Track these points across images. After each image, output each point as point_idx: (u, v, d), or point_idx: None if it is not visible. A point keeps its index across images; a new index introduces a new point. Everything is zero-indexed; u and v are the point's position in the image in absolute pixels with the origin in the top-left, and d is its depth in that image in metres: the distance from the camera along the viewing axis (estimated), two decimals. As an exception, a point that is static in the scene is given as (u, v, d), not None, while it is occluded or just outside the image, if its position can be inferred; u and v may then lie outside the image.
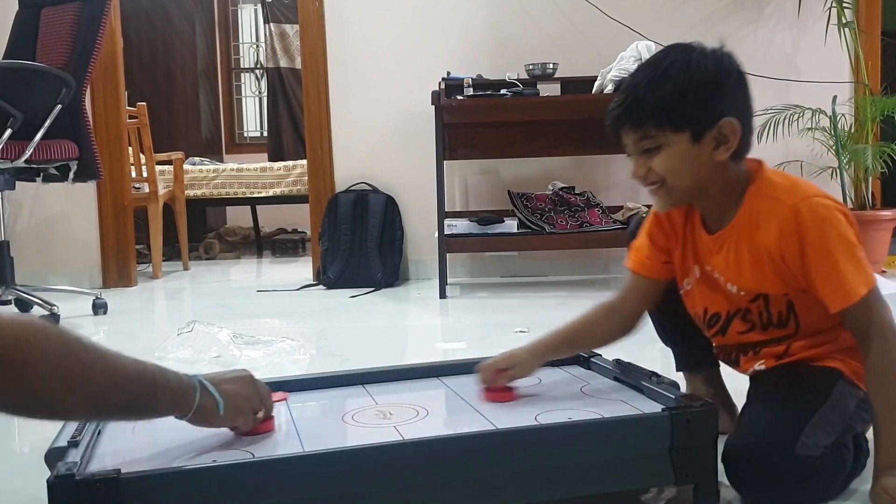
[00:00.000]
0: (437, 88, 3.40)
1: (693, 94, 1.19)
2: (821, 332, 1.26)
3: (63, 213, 3.97)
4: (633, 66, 3.27)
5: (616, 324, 1.42)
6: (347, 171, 3.88)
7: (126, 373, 1.00)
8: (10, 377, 0.87)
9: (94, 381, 0.95)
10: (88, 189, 3.89)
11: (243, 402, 1.15)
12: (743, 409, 1.31)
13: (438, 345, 2.68)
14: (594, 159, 3.79)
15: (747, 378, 1.40)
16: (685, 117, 1.19)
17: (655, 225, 1.39)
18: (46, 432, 1.15)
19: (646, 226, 1.42)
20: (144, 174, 4.33)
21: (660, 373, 1.33)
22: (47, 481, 0.97)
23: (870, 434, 1.30)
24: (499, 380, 1.33)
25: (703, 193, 1.27)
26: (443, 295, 3.32)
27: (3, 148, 2.75)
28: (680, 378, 1.53)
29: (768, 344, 1.31)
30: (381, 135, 3.86)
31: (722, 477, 1.20)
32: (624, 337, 1.42)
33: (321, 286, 3.74)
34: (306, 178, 4.10)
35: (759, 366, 1.32)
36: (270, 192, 5.30)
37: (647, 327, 1.55)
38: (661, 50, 1.25)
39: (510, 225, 3.46)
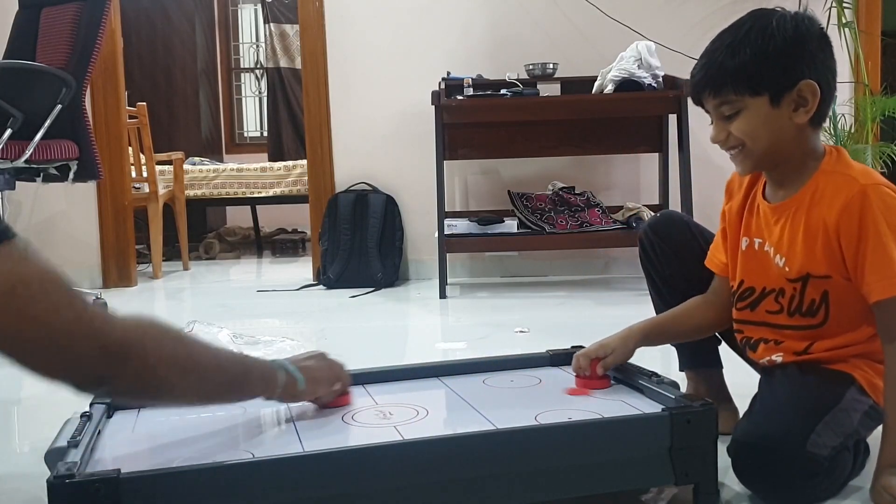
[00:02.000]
0: (437, 88, 3.40)
1: (771, 58, 1.20)
2: (844, 332, 1.26)
3: (63, 213, 3.97)
4: (633, 66, 3.28)
5: (712, 314, 1.44)
6: (347, 171, 3.88)
7: (226, 360, 1.12)
8: (135, 368, 0.96)
9: (202, 366, 1.06)
10: (88, 189, 3.88)
11: (321, 374, 1.27)
12: (753, 402, 1.31)
13: (438, 345, 2.68)
14: (594, 159, 3.79)
15: (749, 379, 1.40)
16: (763, 81, 1.21)
17: (722, 214, 1.42)
18: (46, 432, 1.15)
19: (720, 220, 1.43)
20: (144, 174, 4.33)
21: (660, 373, 1.33)
22: (47, 481, 0.97)
23: (871, 436, 1.30)
24: (597, 368, 1.36)
25: (781, 158, 1.27)
26: (443, 295, 3.32)
27: (3, 148, 2.75)
28: (681, 378, 1.53)
29: (791, 332, 1.30)
30: (381, 135, 3.85)
31: (722, 477, 1.20)
32: (721, 327, 1.45)
33: (321, 286, 3.74)
34: (306, 178, 4.10)
35: (777, 357, 1.32)
36: (270, 192, 5.30)
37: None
38: (743, 16, 1.26)
39: (510, 225, 3.46)
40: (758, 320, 1.35)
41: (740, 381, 1.52)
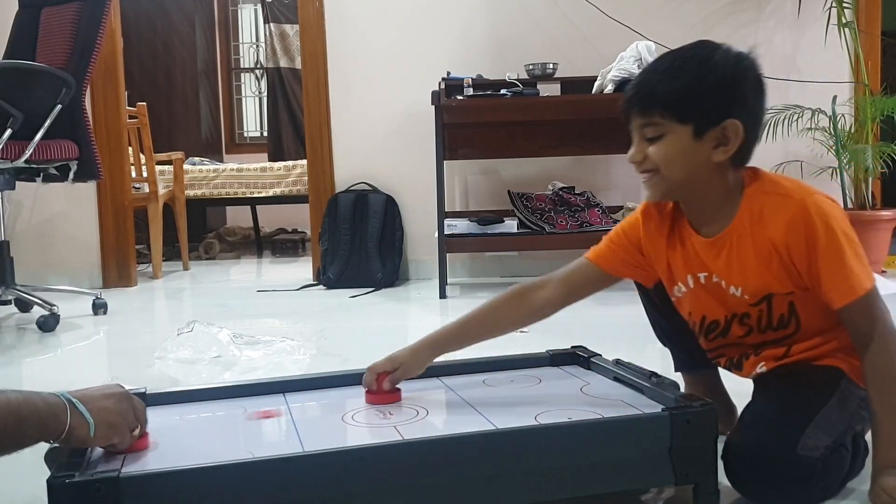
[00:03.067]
0: (437, 88, 3.40)
1: (705, 90, 1.19)
2: (820, 332, 1.26)
3: (63, 213, 3.97)
4: (633, 66, 3.28)
5: (525, 310, 1.44)
6: (347, 171, 3.88)
7: None
8: None
9: None
10: (88, 189, 3.88)
11: (117, 419, 1.09)
12: (745, 408, 1.31)
13: (438, 345, 2.67)
14: (594, 159, 3.79)
15: (747, 379, 1.40)
16: (692, 110, 1.20)
17: (629, 232, 1.40)
18: (46, 432, 1.15)
19: (620, 227, 1.42)
20: (144, 174, 4.33)
21: (660, 373, 1.33)
22: (47, 481, 0.97)
23: (869, 434, 1.30)
24: (384, 383, 1.34)
25: (694, 193, 1.27)
26: (443, 295, 3.32)
27: (3, 148, 2.75)
28: (680, 378, 1.53)
29: (767, 346, 1.31)
30: (381, 135, 3.85)
31: (722, 477, 1.20)
32: (531, 323, 1.43)
33: (321, 286, 3.74)
34: (306, 178, 4.10)
35: (761, 368, 1.32)
36: (270, 192, 5.30)
37: (647, 326, 1.55)
38: (690, 43, 1.26)
39: (510, 225, 3.46)
40: (733, 343, 1.35)
41: (738, 381, 1.51)
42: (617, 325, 1.43)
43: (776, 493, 1.16)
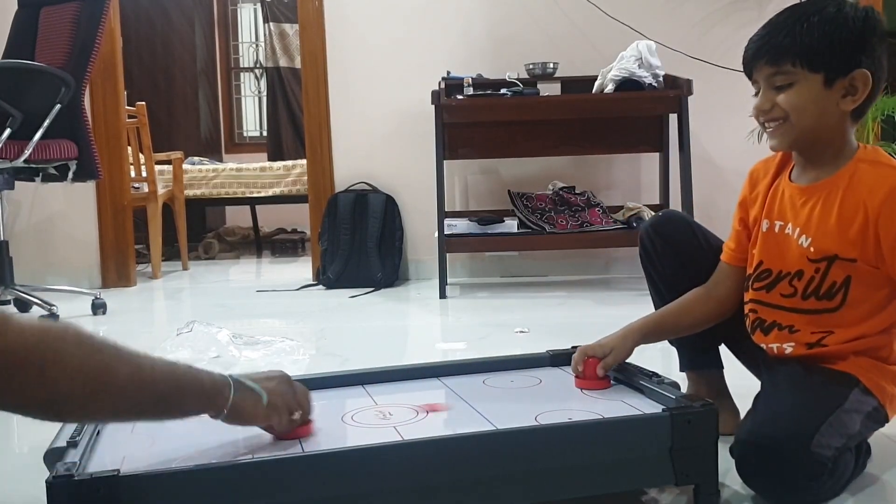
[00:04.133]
0: (437, 88, 3.40)
1: (837, 40, 1.22)
2: (857, 322, 1.26)
3: (62, 212, 3.96)
4: (633, 66, 3.28)
5: (711, 308, 1.44)
6: (347, 170, 3.88)
7: (153, 374, 1.00)
8: (32, 378, 0.88)
9: (118, 382, 0.96)
10: (88, 189, 3.88)
11: (278, 400, 1.13)
12: (756, 401, 1.31)
13: (438, 345, 2.68)
14: (594, 159, 3.79)
15: (747, 381, 1.40)
16: (823, 60, 1.22)
17: (741, 202, 1.43)
18: (46, 432, 1.14)
19: (736, 210, 1.44)
20: (144, 174, 4.33)
21: (660, 373, 1.33)
22: (46, 481, 0.97)
23: (872, 437, 1.30)
24: (598, 369, 1.35)
25: (818, 141, 1.28)
26: (443, 295, 3.31)
27: (2, 147, 2.74)
28: (681, 378, 1.53)
29: (804, 313, 1.30)
30: (381, 135, 3.85)
31: (722, 477, 1.20)
32: (718, 320, 1.44)
33: (321, 286, 3.74)
34: (306, 177, 4.10)
35: (788, 346, 1.31)
36: (270, 192, 5.29)
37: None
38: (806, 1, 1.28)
39: (510, 225, 3.46)
40: (772, 302, 1.34)
41: (740, 381, 1.51)
42: (617, 326, 1.43)
43: (785, 488, 1.16)
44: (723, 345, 1.54)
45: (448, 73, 3.58)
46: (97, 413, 1.00)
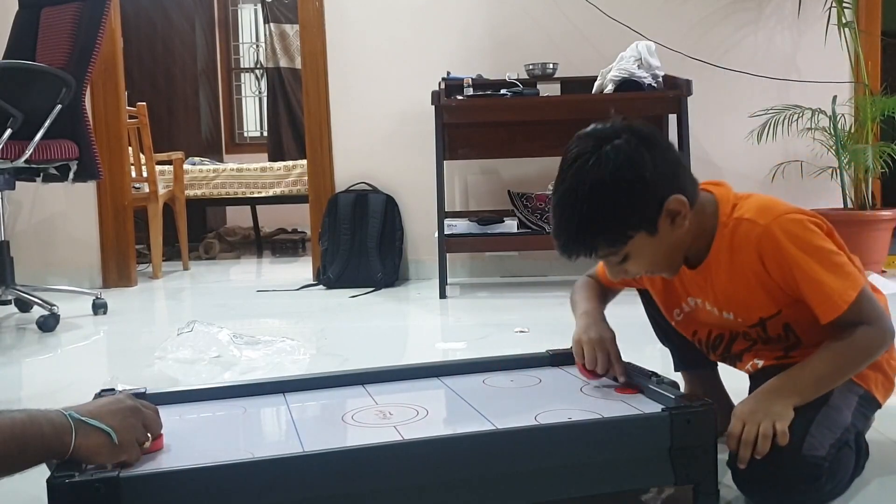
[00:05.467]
0: (437, 88, 3.40)
1: (617, 213, 1.17)
2: (820, 341, 1.26)
3: (63, 213, 3.97)
4: (633, 66, 3.28)
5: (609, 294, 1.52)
6: (347, 171, 3.88)
7: None
8: None
9: None
10: (88, 189, 3.88)
11: (127, 436, 1.06)
12: None
13: (438, 345, 2.68)
14: (594, 159, 3.78)
15: (746, 378, 1.40)
16: (630, 228, 1.19)
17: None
18: (46, 432, 1.14)
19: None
20: (144, 174, 4.33)
21: (660, 373, 1.33)
22: (47, 481, 0.97)
23: (868, 435, 1.30)
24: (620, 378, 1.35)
25: (684, 253, 1.30)
26: (443, 295, 3.32)
27: (3, 148, 2.75)
28: (680, 377, 1.53)
29: (771, 347, 1.33)
30: (381, 135, 3.85)
31: (722, 477, 1.20)
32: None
33: (321, 286, 3.74)
34: (306, 178, 4.10)
35: (758, 360, 1.34)
36: (270, 192, 5.30)
37: (647, 326, 1.55)
38: (562, 166, 1.22)
39: (510, 225, 3.46)
40: (737, 352, 1.38)
41: (738, 382, 1.51)
42: (616, 326, 1.43)
43: (786, 495, 1.15)
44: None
45: (448, 73, 3.58)
46: None
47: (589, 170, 1.17)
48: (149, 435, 1.11)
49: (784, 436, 1.13)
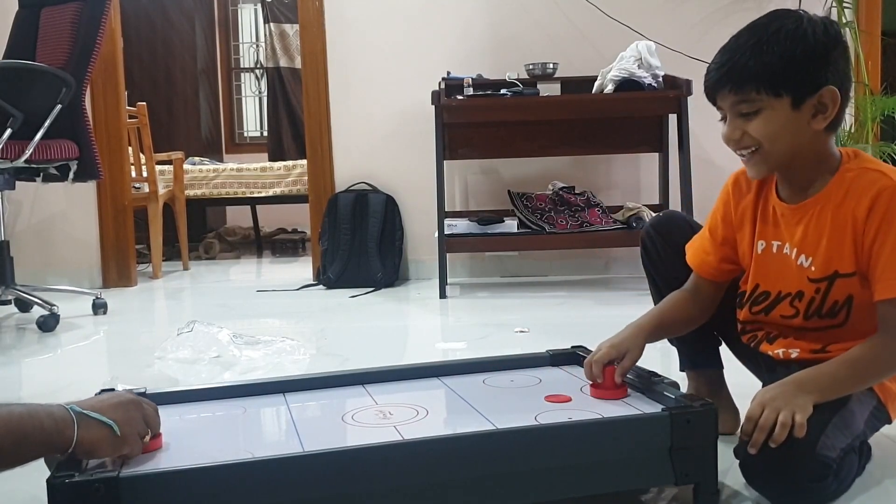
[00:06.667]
0: (437, 88, 3.40)
1: (799, 61, 1.19)
2: (861, 335, 1.25)
3: (63, 212, 3.96)
4: (633, 66, 3.27)
5: (696, 312, 1.43)
6: (347, 170, 3.88)
7: None
8: None
9: None
10: (88, 189, 3.88)
11: (130, 429, 1.08)
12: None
13: (438, 345, 2.68)
14: (594, 159, 3.79)
15: (747, 380, 1.40)
16: (788, 83, 1.19)
17: (723, 216, 1.39)
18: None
19: (711, 221, 1.42)
20: (144, 174, 4.33)
21: (660, 373, 1.33)
22: (47, 481, 0.97)
23: (872, 438, 1.30)
24: (615, 377, 1.30)
25: (796, 163, 1.26)
26: (443, 295, 3.31)
27: (3, 148, 2.74)
28: (681, 378, 1.53)
29: (808, 331, 1.30)
30: (381, 135, 3.85)
31: (722, 477, 1.20)
32: (701, 322, 1.43)
33: (321, 286, 3.74)
34: (306, 177, 4.10)
35: (794, 351, 1.31)
36: (270, 192, 5.29)
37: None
38: (765, 15, 1.26)
39: (510, 225, 3.46)
40: (772, 323, 1.35)
41: (740, 381, 1.52)
42: (617, 326, 1.43)
43: (791, 490, 1.15)
44: (723, 345, 1.54)
45: (448, 73, 3.58)
46: None
47: (804, 22, 1.21)
48: (149, 430, 1.12)
49: (802, 428, 1.12)
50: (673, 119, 3.38)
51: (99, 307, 3.20)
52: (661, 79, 3.33)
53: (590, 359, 1.33)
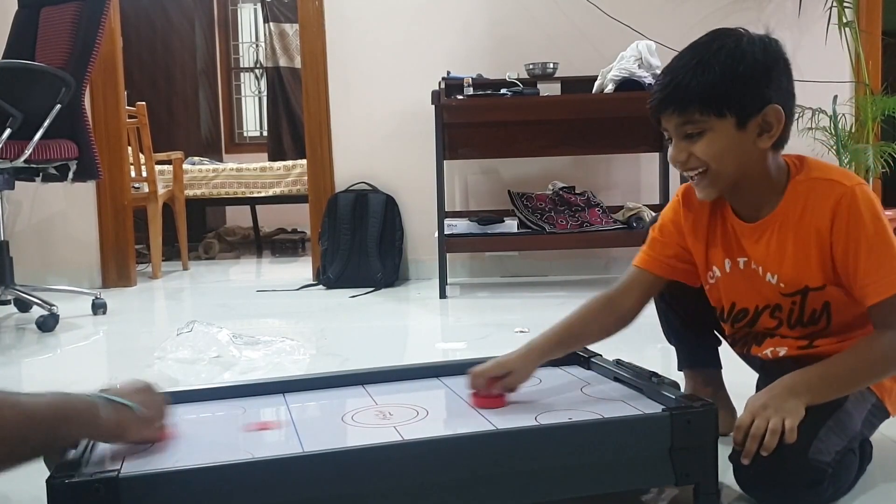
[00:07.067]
0: (437, 88, 3.40)
1: (740, 80, 1.18)
2: (848, 329, 1.25)
3: (62, 212, 3.96)
4: (633, 66, 3.27)
5: (612, 318, 1.39)
6: (347, 170, 3.88)
7: (35, 409, 0.99)
8: None
9: (5, 431, 0.96)
10: (88, 189, 3.88)
11: (151, 412, 1.12)
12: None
13: (438, 345, 2.68)
14: (594, 159, 3.79)
15: (749, 376, 1.40)
16: (731, 103, 1.18)
17: (673, 221, 1.37)
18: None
19: (660, 222, 1.40)
20: (144, 174, 4.33)
21: (660, 373, 1.32)
22: (47, 481, 0.97)
23: (873, 439, 1.29)
24: (494, 388, 1.29)
25: (744, 183, 1.25)
26: (443, 295, 3.31)
27: (2, 147, 2.74)
28: (680, 378, 1.53)
29: (793, 338, 1.30)
30: (381, 135, 3.85)
31: (722, 477, 1.20)
32: (618, 331, 1.40)
33: (321, 286, 3.74)
34: (306, 177, 4.10)
35: (781, 349, 1.31)
36: (270, 192, 5.30)
37: (647, 326, 1.54)
38: (707, 34, 1.24)
39: (510, 225, 3.46)
40: (758, 332, 1.35)
41: (740, 381, 1.51)
42: (617, 325, 1.42)
43: (786, 497, 1.15)
44: (723, 344, 1.53)
45: (448, 73, 3.58)
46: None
47: (744, 40, 1.20)
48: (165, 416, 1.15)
49: (792, 432, 1.11)
50: (673, 119, 3.38)
51: (98, 307, 3.20)
52: (661, 79, 3.33)
53: (475, 369, 1.32)
